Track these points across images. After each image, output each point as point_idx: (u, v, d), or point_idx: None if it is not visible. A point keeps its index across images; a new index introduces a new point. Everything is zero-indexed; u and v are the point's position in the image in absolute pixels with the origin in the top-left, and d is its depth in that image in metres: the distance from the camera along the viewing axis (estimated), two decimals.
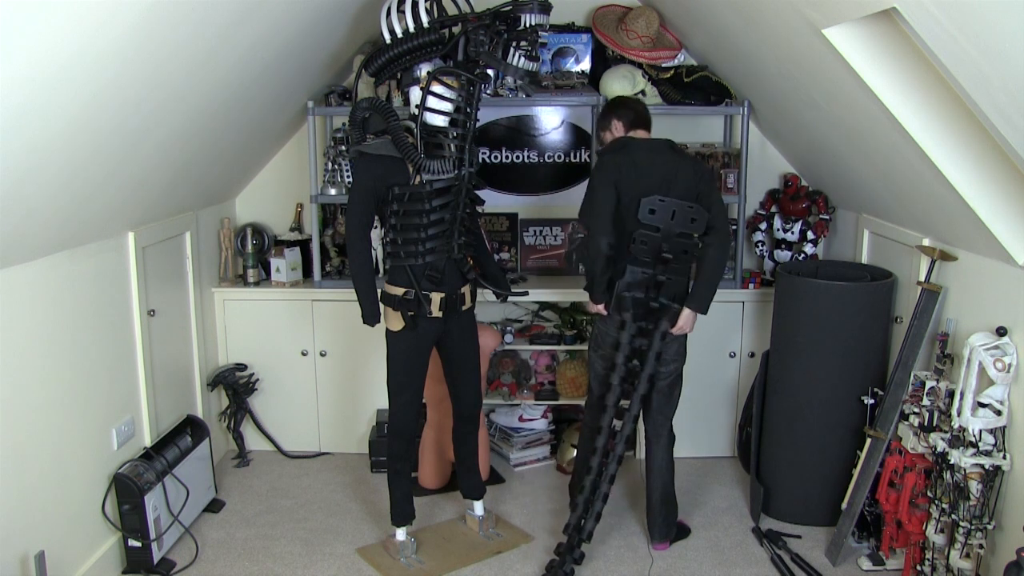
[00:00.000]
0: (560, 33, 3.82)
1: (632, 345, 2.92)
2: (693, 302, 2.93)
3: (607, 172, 2.90)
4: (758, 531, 3.27)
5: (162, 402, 3.30)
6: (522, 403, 3.95)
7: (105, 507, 2.87)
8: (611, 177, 2.88)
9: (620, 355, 2.93)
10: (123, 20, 1.91)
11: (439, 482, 3.64)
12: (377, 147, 2.82)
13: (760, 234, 3.97)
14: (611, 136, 3.07)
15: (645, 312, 2.92)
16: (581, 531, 2.88)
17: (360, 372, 3.89)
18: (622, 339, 2.93)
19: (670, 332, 2.95)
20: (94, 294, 2.84)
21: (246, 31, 2.53)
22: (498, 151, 4.09)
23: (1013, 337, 2.49)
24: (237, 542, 3.21)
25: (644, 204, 2.84)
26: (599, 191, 2.90)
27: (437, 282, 2.87)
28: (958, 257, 2.82)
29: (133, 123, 2.41)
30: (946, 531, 2.66)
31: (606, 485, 2.91)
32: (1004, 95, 1.90)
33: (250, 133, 3.49)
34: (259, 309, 3.88)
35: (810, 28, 2.43)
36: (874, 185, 3.20)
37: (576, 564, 2.88)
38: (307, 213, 4.03)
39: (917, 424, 2.79)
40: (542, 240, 4.10)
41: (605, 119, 3.10)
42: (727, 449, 3.94)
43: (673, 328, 2.94)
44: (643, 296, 2.90)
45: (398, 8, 2.89)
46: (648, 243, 2.86)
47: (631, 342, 2.92)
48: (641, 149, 2.93)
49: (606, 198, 2.88)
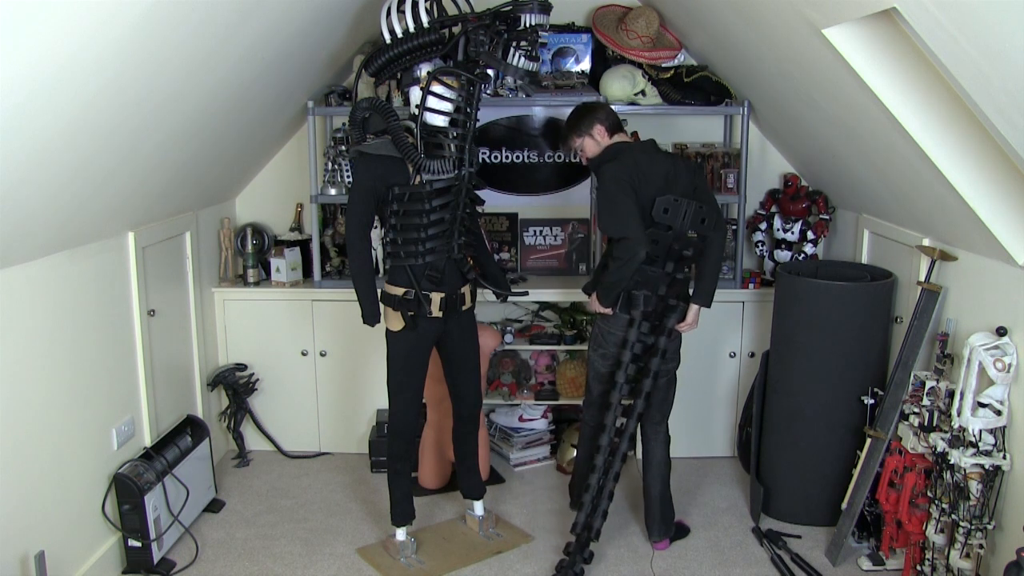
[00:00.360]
0: (560, 33, 3.82)
1: (641, 342, 2.93)
2: (699, 298, 2.97)
3: (621, 179, 2.83)
4: (758, 531, 3.27)
5: (162, 402, 3.30)
6: (522, 403, 3.95)
7: (105, 507, 2.87)
8: (626, 183, 2.83)
9: (628, 353, 2.93)
10: (123, 20, 1.91)
11: (439, 482, 3.64)
12: (377, 147, 2.82)
13: (760, 234, 3.97)
14: (593, 142, 2.99)
15: (656, 310, 2.93)
16: (590, 529, 2.89)
17: (360, 372, 3.89)
18: (630, 336, 2.93)
19: (676, 329, 2.96)
20: (94, 294, 2.84)
21: (246, 31, 2.53)
22: (498, 151, 4.09)
23: (1013, 337, 2.49)
24: (237, 542, 3.21)
25: (659, 203, 2.84)
26: (622, 200, 2.80)
27: (437, 282, 2.87)
28: (958, 257, 2.82)
29: (133, 123, 2.41)
30: (946, 531, 2.66)
31: (611, 483, 2.92)
32: (1004, 95, 1.90)
33: (250, 133, 3.49)
34: (259, 309, 3.88)
35: (810, 28, 2.43)
36: (874, 185, 3.20)
37: (586, 563, 2.88)
38: (307, 213, 4.03)
39: (917, 424, 2.79)
40: (542, 240, 4.10)
41: (585, 125, 2.99)
42: (727, 449, 3.94)
43: (681, 325, 2.95)
44: (652, 294, 2.91)
45: (398, 8, 2.89)
46: (660, 241, 2.86)
47: (640, 339, 2.93)
48: (638, 152, 2.94)
49: (631, 205, 2.80)
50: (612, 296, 2.93)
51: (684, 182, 2.92)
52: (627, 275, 2.85)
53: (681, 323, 2.98)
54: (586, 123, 3.00)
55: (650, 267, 2.88)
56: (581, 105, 3.10)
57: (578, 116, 3.03)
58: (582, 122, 3.00)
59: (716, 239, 2.95)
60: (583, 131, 3.00)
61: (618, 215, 2.82)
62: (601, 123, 2.99)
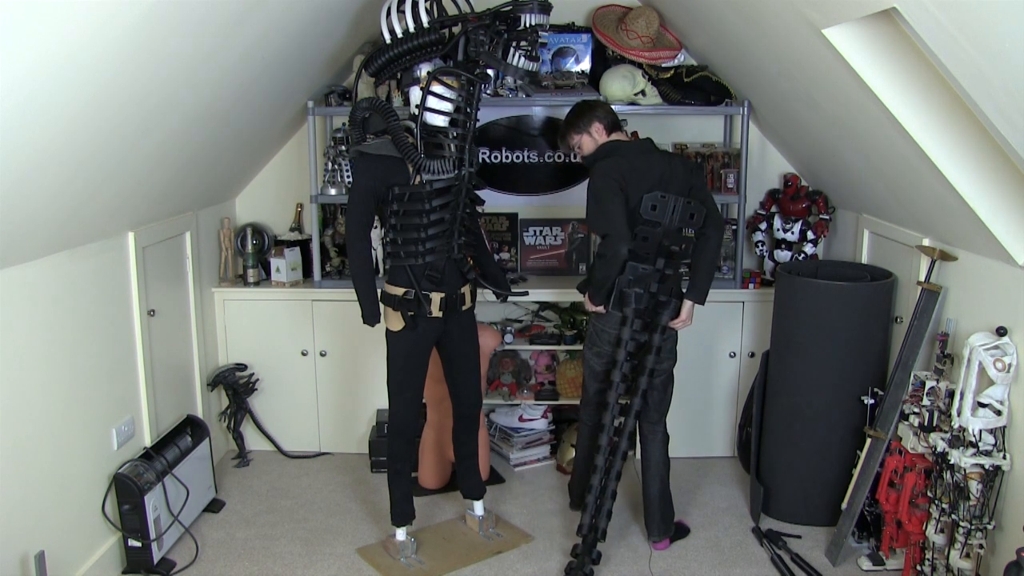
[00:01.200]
0: (560, 33, 3.82)
1: (635, 340, 2.94)
2: (693, 294, 2.96)
3: (610, 178, 2.87)
4: (758, 531, 3.27)
5: (162, 402, 3.30)
6: (522, 403, 3.95)
7: (105, 507, 2.87)
8: (616, 182, 2.86)
9: (622, 351, 2.93)
10: (123, 20, 1.91)
11: (439, 482, 3.64)
12: (377, 147, 2.82)
13: (760, 234, 3.97)
14: (590, 140, 3.01)
15: (648, 307, 2.93)
16: (595, 530, 2.89)
17: (360, 372, 3.89)
18: (623, 335, 2.93)
19: (671, 326, 2.96)
20: (94, 294, 2.84)
21: (246, 31, 2.53)
22: (498, 151, 4.09)
23: (1013, 337, 2.49)
24: (237, 542, 3.21)
25: (646, 200, 2.86)
26: (607, 197, 2.85)
27: (437, 282, 2.87)
28: (958, 257, 2.82)
29: (133, 123, 2.41)
30: (946, 531, 2.66)
31: (613, 482, 2.92)
32: (1004, 95, 1.90)
33: (250, 133, 3.49)
34: (259, 309, 3.88)
35: (810, 28, 2.43)
36: (874, 185, 3.20)
37: (595, 564, 2.88)
38: (307, 213, 4.03)
39: (917, 424, 2.79)
40: (542, 240, 4.10)
41: (584, 123, 3.00)
42: (727, 449, 3.94)
43: (675, 321, 2.95)
44: (643, 291, 2.91)
45: (398, 8, 2.89)
46: (649, 238, 2.87)
47: (633, 337, 2.93)
48: (633, 151, 2.95)
49: (616, 203, 2.84)
50: (602, 294, 2.94)
51: (680, 181, 2.91)
52: (613, 272, 2.87)
53: (675, 320, 2.97)
54: (585, 121, 3.01)
55: (641, 264, 2.89)
56: (581, 102, 3.11)
57: (577, 113, 3.04)
58: (581, 119, 3.02)
59: (712, 236, 2.95)
60: (582, 128, 3.02)
61: (602, 212, 2.85)
62: (600, 121, 3.00)
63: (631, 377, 2.97)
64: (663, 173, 2.89)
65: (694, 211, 2.89)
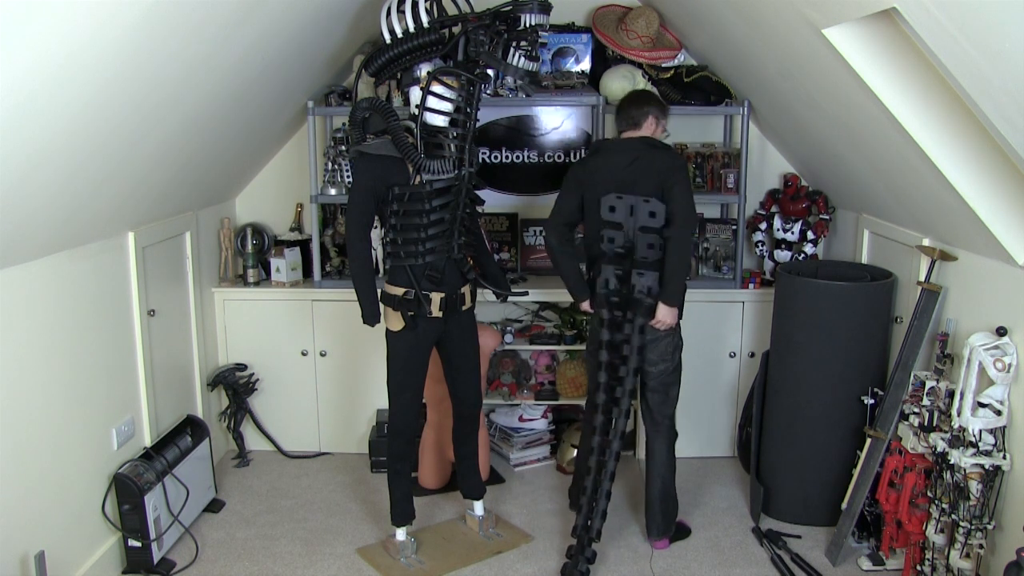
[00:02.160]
0: (560, 33, 3.82)
1: (612, 340, 2.95)
2: (663, 295, 2.94)
3: (570, 175, 3.06)
4: (758, 531, 3.27)
5: (162, 402, 3.30)
6: (522, 403, 3.95)
7: (105, 507, 2.87)
8: (572, 179, 3.04)
9: (604, 352, 2.96)
10: (123, 20, 1.91)
11: (439, 482, 3.64)
12: (377, 147, 2.82)
13: (760, 234, 3.97)
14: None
15: (620, 305, 2.96)
16: (590, 530, 2.88)
17: (360, 372, 3.89)
18: (603, 336, 2.97)
19: (652, 327, 2.95)
20: (94, 294, 2.84)
21: (246, 31, 2.53)
22: (498, 151, 4.09)
23: (1013, 337, 2.49)
24: (237, 542, 3.21)
25: (604, 202, 2.94)
26: (562, 194, 3.06)
27: (437, 282, 2.87)
28: (958, 257, 2.82)
29: (133, 123, 2.41)
30: (946, 531, 2.66)
31: (607, 482, 2.91)
32: (1004, 95, 1.90)
33: (250, 133, 3.49)
34: (259, 309, 3.88)
35: (810, 28, 2.43)
36: (874, 185, 3.20)
37: (590, 563, 2.88)
38: (307, 213, 4.03)
39: (917, 424, 2.79)
40: (542, 240, 4.09)
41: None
42: (727, 449, 3.94)
43: (653, 322, 2.95)
44: (617, 290, 2.94)
45: (398, 8, 2.89)
46: (615, 240, 2.94)
47: (612, 337, 2.96)
48: (612, 150, 2.99)
49: (567, 199, 3.04)
50: (572, 290, 3.10)
51: (650, 182, 2.88)
52: (560, 267, 3.08)
53: (653, 320, 2.96)
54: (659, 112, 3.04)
55: (613, 267, 2.96)
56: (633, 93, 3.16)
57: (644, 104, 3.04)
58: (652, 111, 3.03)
59: (673, 236, 2.87)
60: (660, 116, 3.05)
61: (554, 208, 3.07)
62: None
63: (618, 377, 2.97)
64: (627, 175, 2.90)
65: (653, 209, 2.88)
